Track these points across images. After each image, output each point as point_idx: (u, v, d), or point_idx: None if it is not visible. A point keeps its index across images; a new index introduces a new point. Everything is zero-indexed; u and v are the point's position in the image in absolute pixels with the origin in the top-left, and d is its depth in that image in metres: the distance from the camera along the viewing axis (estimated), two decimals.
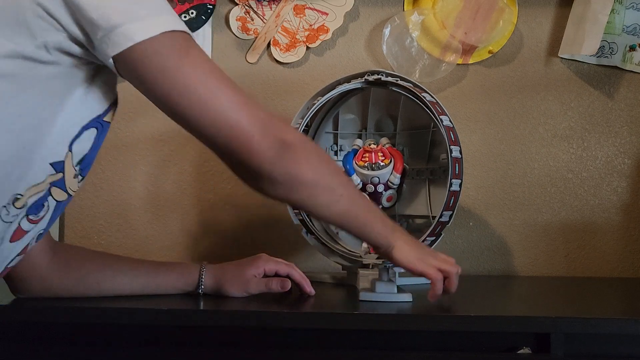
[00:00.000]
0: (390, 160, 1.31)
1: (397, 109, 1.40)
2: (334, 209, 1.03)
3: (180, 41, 0.92)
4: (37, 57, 0.89)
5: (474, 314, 1.05)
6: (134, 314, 1.06)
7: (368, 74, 1.29)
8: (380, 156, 1.31)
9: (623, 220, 1.58)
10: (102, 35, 0.88)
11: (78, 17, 0.88)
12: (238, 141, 0.93)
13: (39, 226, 0.99)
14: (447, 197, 1.24)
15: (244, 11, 1.58)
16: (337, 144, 1.44)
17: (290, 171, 0.95)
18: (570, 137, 1.58)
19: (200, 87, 0.92)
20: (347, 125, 1.44)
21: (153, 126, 1.60)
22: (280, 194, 0.98)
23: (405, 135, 1.42)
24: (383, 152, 1.32)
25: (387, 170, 1.30)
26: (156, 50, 0.90)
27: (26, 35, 0.88)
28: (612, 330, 1.03)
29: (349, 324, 1.05)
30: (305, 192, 0.98)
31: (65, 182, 0.97)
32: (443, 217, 1.26)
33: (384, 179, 1.31)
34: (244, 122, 0.93)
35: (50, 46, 0.89)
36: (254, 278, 1.18)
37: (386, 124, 1.44)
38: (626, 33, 1.55)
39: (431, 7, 1.56)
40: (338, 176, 1.05)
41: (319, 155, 1.02)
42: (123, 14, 0.88)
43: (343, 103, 1.39)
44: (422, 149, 1.41)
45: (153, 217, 1.61)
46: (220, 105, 0.92)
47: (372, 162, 1.30)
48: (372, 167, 1.30)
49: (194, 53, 0.93)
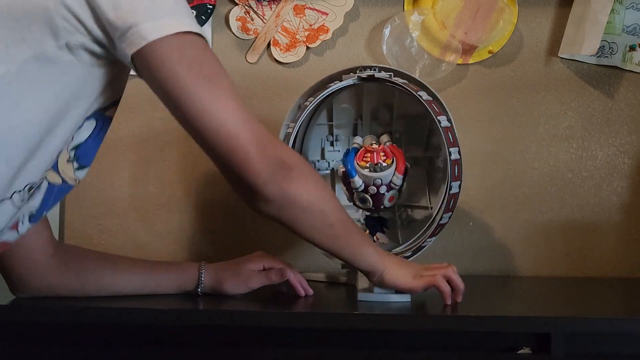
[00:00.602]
0: (392, 160, 1.30)
1: (392, 97, 1.38)
2: (325, 233, 1.05)
3: (193, 44, 0.93)
4: (59, 56, 0.91)
5: (474, 314, 1.05)
6: (134, 314, 1.06)
7: (360, 69, 1.28)
8: (382, 156, 1.30)
9: (623, 220, 1.58)
10: (120, 35, 0.90)
11: (99, 17, 0.90)
12: (236, 155, 0.94)
13: (31, 204, 1.00)
14: (447, 199, 1.24)
15: (244, 11, 1.58)
16: (332, 134, 1.42)
17: (284, 191, 0.97)
18: (570, 137, 1.58)
19: (208, 95, 0.93)
20: (341, 114, 1.42)
21: (155, 127, 1.60)
22: (271, 212, 0.99)
23: (402, 123, 1.40)
24: (384, 151, 1.31)
25: (390, 171, 1.29)
26: (169, 50, 0.91)
27: (49, 35, 0.90)
28: (612, 330, 1.03)
29: (347, 324, 1.05)
30: (297, 214, 1.00)
31: (58, 164, 0.99)
32: (443, 219, 1.25)
33: (386, 180, 1.29)
34: (244, 138, 0.94)
35: (73, 46, 0.91)
36: (254, 272, 1.18)
37: (382, 112, 1.42)
38: (626, 33, 1.55)
39: (431, 7, 1.56)
40: (331, 201, 1.05)
41: (314, 179, 1.03)
42: (139, 13, 0.90)
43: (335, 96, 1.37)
44: (420, 136, 1.39)
45: (154, 218, 1.61)
46: (223, 117, 0.94)
47: (374, 162, 1.29)
48: (374, 168, 1.29)
49: (206, 57, 0.94)
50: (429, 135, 1.39)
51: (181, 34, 0.91)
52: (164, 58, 0.91)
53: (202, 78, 0.93)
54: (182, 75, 0.92)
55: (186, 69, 0.92)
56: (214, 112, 0.93)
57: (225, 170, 0.97)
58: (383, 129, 1.40)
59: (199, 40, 0.94)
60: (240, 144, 0.93)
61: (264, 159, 0.94)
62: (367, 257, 1.09)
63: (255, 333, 1.07)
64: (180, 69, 0.92)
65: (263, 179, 0.95)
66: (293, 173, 0.97)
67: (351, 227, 1.09)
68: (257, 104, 1.59)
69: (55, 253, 1.13)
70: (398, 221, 1.41)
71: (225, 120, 0.93)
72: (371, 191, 1.30)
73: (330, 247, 1.08)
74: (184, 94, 0.92)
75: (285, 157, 0.97)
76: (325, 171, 1.43)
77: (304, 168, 1.01)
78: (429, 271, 1.11)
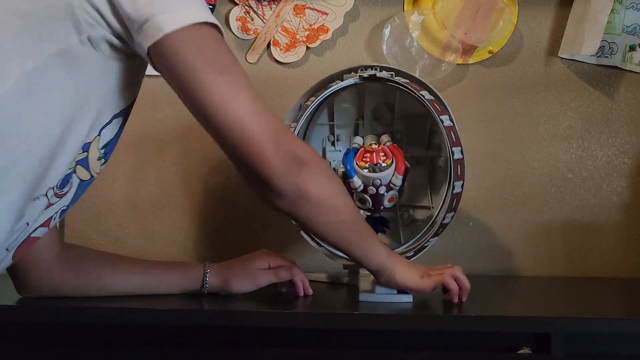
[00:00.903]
0: (392, 160, 1.29)
1: (394, 97, 1.38)
2: (337, 229, 1.04)
3: (209, 35, 0.94)
4: (82, 50, 0.92)
5: (474, 314, 1.05)
6: (134, 314, 1.06)
7: (361, 68, 1.28)
8: (382, 156, 1.29)
9: (623, 220, 1.58)
10: (137, 28, 0.91)
11: (117, 10, 0.91)
12: (250, 148, 0.93)
13: (62, 202, 1.01)
14: (450, 199, 1.23)
15: (244, 11, 1.58)
16: (333, 134, 1.42)
17: (298, 186, 0.96)
18: (570, 137, 1.58)
19: (222, 86, 0.93)
20: (342, 113, 1.41)
21: (158, 128, 1.60)
22: (284, 207, 0.98)
23: (404, 122, 1.40)
24: (384, 151, 1.30)
25: (389, 171, 1.28)
26: (185, 42, 0.92)
27: (73, 30, 0.91)
28: (612, 330, 1.03)
29: (347, 324, 1.05)
30: (311, 209, 0.99)
31: (89, 162, 1.01)
32: (446, 219, 1.25)
33: (385, 181, 1.29)
34: (258, 130, 0.93)
35: (95, 39, 0.92)
36: (262, 270, 1.18)
37: (383, 112, 1.41)
38: (626, 33, 1.55)
39: (431, 7, 1.56)
40: (344, 197, 1.05)
41: (328, 175, 1.02)
42: (155, 6, 0.91)
43: (336, 95, 1.36)
44: (422, 136, 1.39)
45: (153, 218, 1.61)
46: (238, 109, 0.93)
47: (374, 162, 1.29)
48: (373, 168, 1.29)
49: (221, 50, 0.95)
50: (430, 134, 1.39)
51: (198, 25, 0.92)
52: (180, 50, 0.91)
53: (217, 71, 0.93)
54: (198, 67, 0.92)
55: (202, 61, 0.92)
56: (228, 105, 0.93)
57: (239, 163, 0.96)
58: (384, 129, 1.39)
59: (214, 32, 0.94)
60: (254, 138, 0.93)
61: (278, 153, 0.94)
62: (377, 255, 1.08)
63: (255, 333, 1.07)
64: (197, 61, 0.92)
65: (277, 173, 0.94)
66: (307, 168, 0.96)
67: (362, 225, 1.09)
68: None
69: (60, 252, 1.14)
70: (400, 221, 1.41)
71: (239, 113, 0.93)
72: (370, 192, 1.29)
73: (341, 244, 1.07)
74: (199, 86, 0.92)
75: (299, 152, 0.96)
76: None
77: (318, 163, 1.00)
78: (435, 271, 1.11)
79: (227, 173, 1.60)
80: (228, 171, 1.60)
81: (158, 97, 1.58)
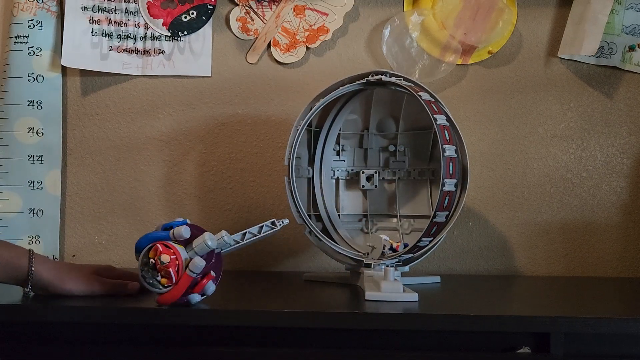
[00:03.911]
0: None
1: (399, 110, 1.41)
2: None
3: None
4: None
5: (474, 314, 1.05)
6: (134, 314, 1.06)
7: (372, 74, 1.29)
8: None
9: (622, 220, 1.58)
10: None
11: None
12: None
13: None
14: (441, 197, 1.24)
15: (244, 12, 1.59)
16: (339, 143, 1.44)
17: None
18: (570, 137, 1.59)
19: None
20: (348, 125, 1.44)
21: (158, 128, 1.60)
22: None
23: (408, 135, 1.43)
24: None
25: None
26: None
27: None
28: (612, 330, 1.03)
29: (347, 324, 1.05)
30: None
31: None
32: (438, 218, 1.25)
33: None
34: None
35: None
36: (99, 277, 1.16)
37: (388, 125, 1.44)
38: (625, 33, 1.55)
39: (431, 7, 1.56)
40: None
41: None
42: None
43: (350, 103, 1.40)
44: (424, 149, 1.42)
45: (154, 218, 1.61)
46: None
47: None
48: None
49: None
50: (432, 147, 1.42)
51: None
52: None
53: None
54: None
55: None
56: None
57: None
58: (389, 141, 1.44)
59: None
60: None
61: None
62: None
63: (256, 333, 1.07)
64: None
65: None
66: None
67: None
68: (257, 104, 1.59)
69: None
70: (400, 230, 1.43)
71: None
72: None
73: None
74: None
75: None
76: (330, 180, 1.46)
77: None
78: None
79: (228, 174, 1.60)
80: (229, 172, 1.60)
81: (158, 97, 1.58)
